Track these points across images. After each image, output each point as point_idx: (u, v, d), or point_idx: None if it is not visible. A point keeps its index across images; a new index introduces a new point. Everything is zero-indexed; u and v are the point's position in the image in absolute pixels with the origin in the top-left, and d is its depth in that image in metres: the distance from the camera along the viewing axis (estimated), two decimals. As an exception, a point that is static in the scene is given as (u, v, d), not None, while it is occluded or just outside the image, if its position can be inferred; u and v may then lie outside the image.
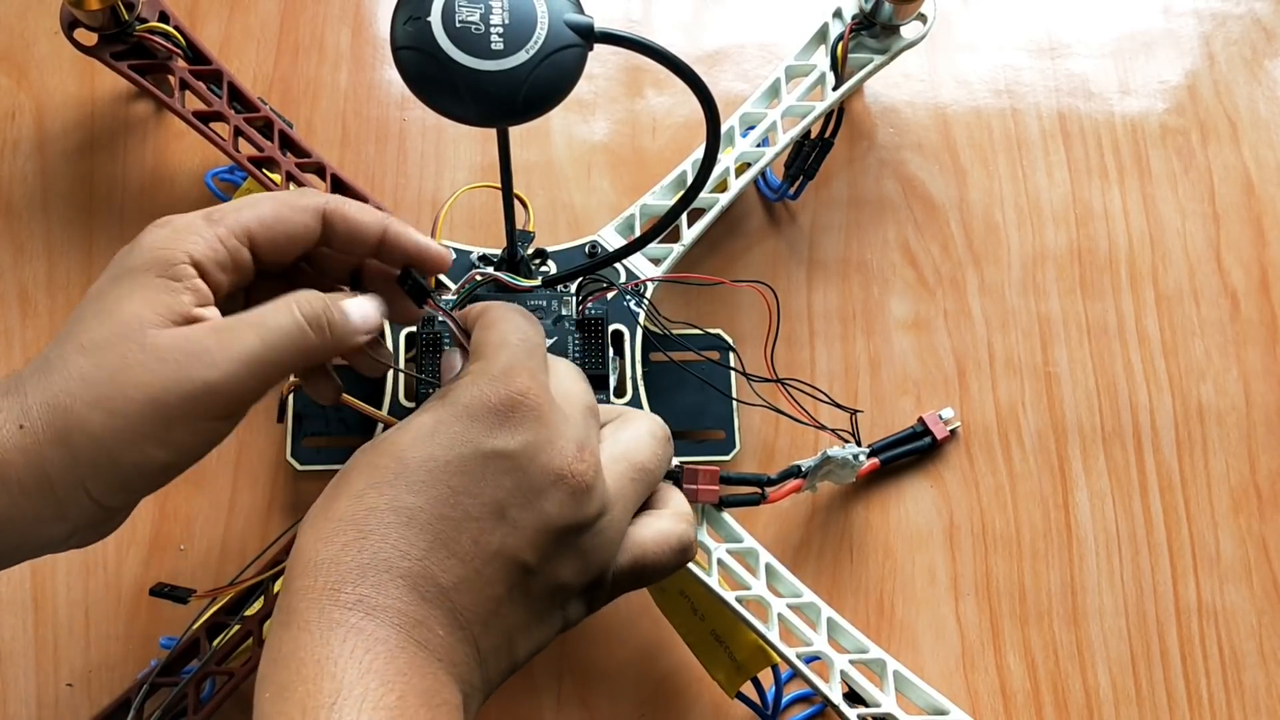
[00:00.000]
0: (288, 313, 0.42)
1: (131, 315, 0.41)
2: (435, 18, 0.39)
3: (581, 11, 0.41)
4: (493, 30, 0.39)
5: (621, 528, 0.45)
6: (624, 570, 0.45)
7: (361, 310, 0.45)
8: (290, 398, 0.60)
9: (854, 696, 0.55)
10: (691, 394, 0.63)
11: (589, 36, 0.41)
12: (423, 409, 0.43)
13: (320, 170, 0.62)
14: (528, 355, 0.43)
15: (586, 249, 0.61)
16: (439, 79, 0.39)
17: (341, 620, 0.38)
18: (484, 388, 0.42)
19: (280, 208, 0.45)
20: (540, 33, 0.40)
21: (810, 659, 0.55)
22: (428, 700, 0.38)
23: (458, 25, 0.39)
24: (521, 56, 0.39)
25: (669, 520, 0.47)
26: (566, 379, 0.46)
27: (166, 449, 0.41)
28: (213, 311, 0.43)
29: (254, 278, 0.46)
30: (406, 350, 0.59)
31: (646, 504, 0.47)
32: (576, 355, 0.56)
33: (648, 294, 0.60)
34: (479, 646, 0.41)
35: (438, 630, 0.39)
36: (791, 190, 0.69)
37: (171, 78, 0.64)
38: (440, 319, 0.55)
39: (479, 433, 0.41)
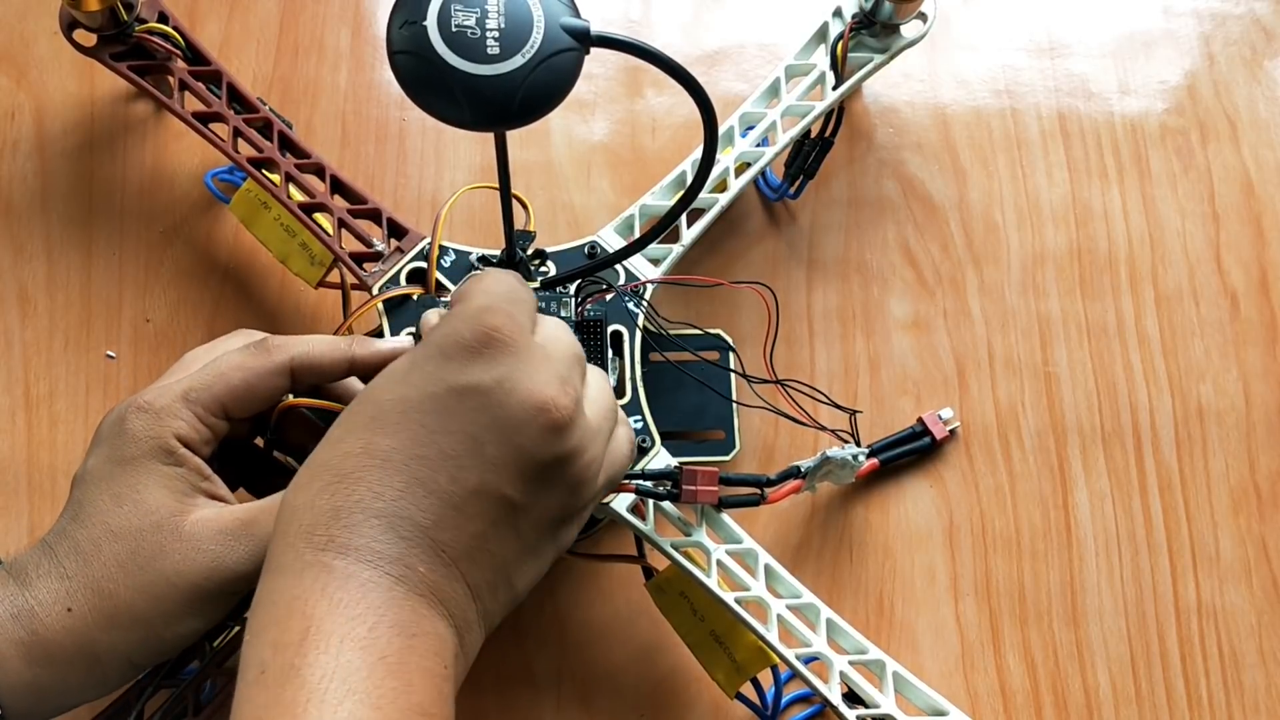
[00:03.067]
0: None
1: (157, 504, 0.46)
2: (431, 22, 0.39)
3: (578, 15, 0.41)
4: (488, 34, 0.39)
5: (601, 460, 0.46)
6: (602, 487, 0.47)
7: None
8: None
9: (853, 697, 0.55)
10: (691, 394, 0.63)
11: (585, 40, 0.41)
12: (407, 354, 0.44)
13: (320, 171, 0.62)
14: (509, 302, 0.44)
15: (586, 250, 0.61)
16: (435, 83, 0.39)
17: (313, 561, 0.39)
18: (456, 324, 0.42)
19: (249, 376, 0.49)
20: (536, 37, 0.39)
21: (809, 660, 0.55)
22: (402, 631, 0.39)
23: (453, 29, 0.39)
24: (517, 61, 0.39)
25: (624, 437, 0.49)
26: (554, 329, 0.46)
27: (203, 620, 0.46)
28: (218, 483, 0.48)
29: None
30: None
31: None
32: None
33: (647, 295, 0.60)
34: (468, 581, 0.42)
35: (418, 567, 0.40)
36: (792, 190, 0.69)
37: (171, 78, 0.64)
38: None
39: (452, 370, 0.41)
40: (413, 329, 0.57)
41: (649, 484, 0.55)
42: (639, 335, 0.59)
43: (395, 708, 0.37)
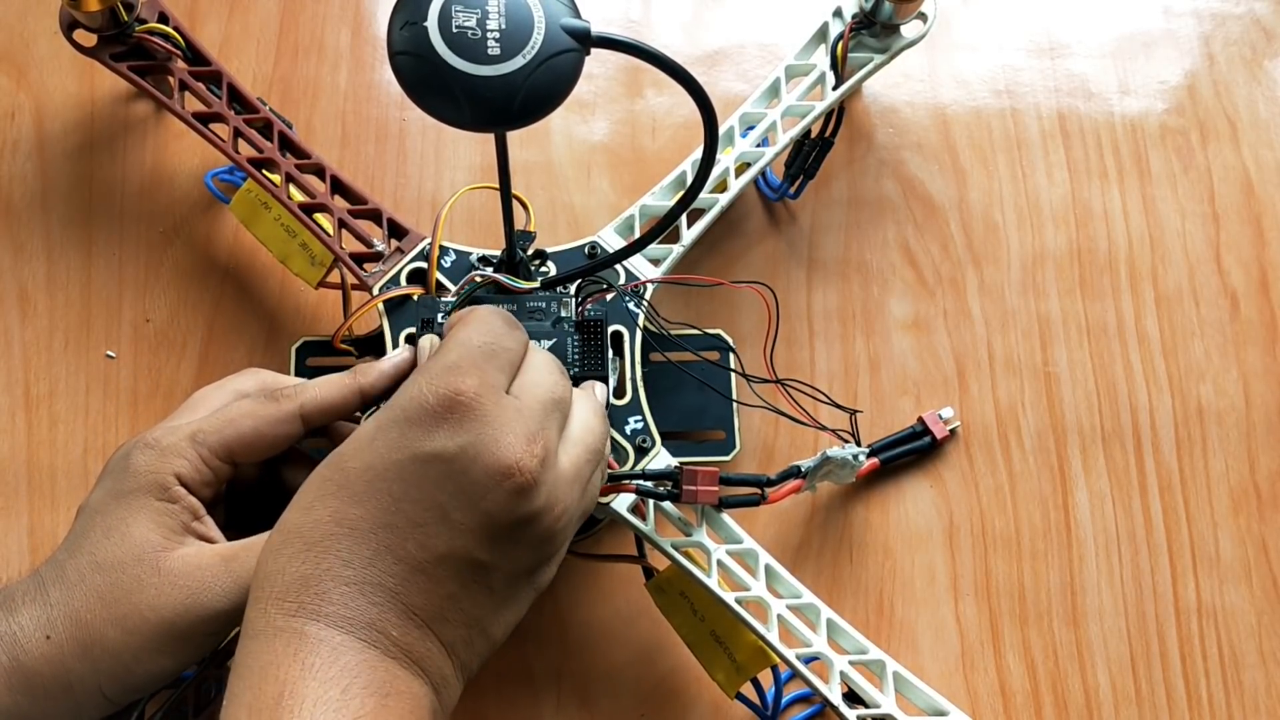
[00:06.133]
0: None
1: (142, 538, 0.46)
2: (432, 23, 0.39)
3: (578, 16, 0.41)
4: (489, 35, 0.39)
5: (577, 505, 0.46)
6: (576, 520, 0.47)
7: None
8: None
9: (853, 697, 0.55)
10: (691, 394, 0.63)
11: (586, 41, 0.41)
12: (373, 414, 0.44)
13: (320, 171, 0.62)
14: (485, 356, 0.44)
15: (586, 250, 0.61)
16: (435, 84, 0.39)
17: (285, 626, 0.39)
18: (422, 388, 0.42)
19: (259, 424, 0.49)
20: (537, 38, 0.39)
21: (809, 660, 0.55)
22: (376, 692, 0.39)
23: (454, 30, 0.39)
24: (518, 61, 0.39)
25: (597, 471, 0.48)
26: (537, 371, 0.46)
27: (174, 660, 0.46)
28: (210, 525, 0.48)
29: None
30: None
31: None
32: (576, 357, 0.56)
33: (647, 295, 0.60)
34: (442, 640, 0.42)
35: (390, 631, 0.40)
36: (792, 190, 0.69)
37: (171, 79, 0.64)
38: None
39: (416, 436, 0.41)
40: (412, 329, 0.57)
41: (649, 484, 0.55)
42: (639, 335, 0.59)
43: None
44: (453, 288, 0.59)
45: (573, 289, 0.58)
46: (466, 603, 0.42)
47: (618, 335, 0.59)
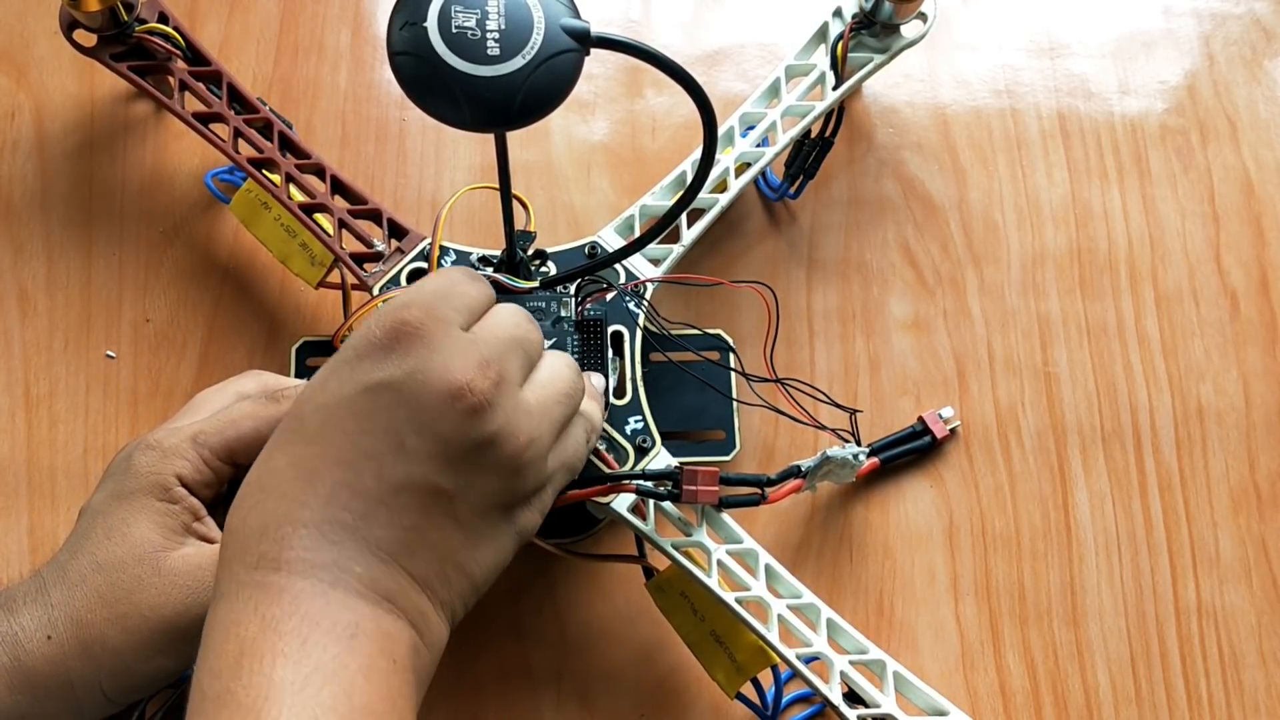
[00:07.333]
0: None
1: (142, 539, 0.46)
2: (431, 23, 0.39)
3: (578, 16, 0.41)
4: (489, 35, 0.39)
5: (547, 443, 0.45)
6: (556, 472, 0.46)
7: None
8: None
9: (853, 697, 0.55)
10: (691, 394, 0.63)
11: (585, 41, 0.41)
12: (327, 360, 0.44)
13: (320, 171, 0.62)
14: (436, 295, 0.43)
15: (586, 250, 0.61)
16: (435, 84, 0.39)
17: (246, 580, 0.39)
18: (369, 324, 0.42)
19: (260, 425, 0.49)
20: (536, 38, 0.40)
21: (810, 659, 0.55)
22: (339, 635, 0.38)
23: (454, 30, 0.39)
24: (518, 62, 0.39)
25: (579, 425, 0.48)
26: (500, 315, 0.45)
27: (175, 659, 0.46)
28: (211, 525, 0.48)
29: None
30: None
31: None
32: (575, 357, 0.56)
33: (647, 295, 0.60)
34: (412, 573, 0.41)
35: (353, 568, 0.40)
36: (792, 190, 0.69)
37: (171, 79, 0.64)
38: None
39: (364, 369, 0.41)
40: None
41: (649, 484, 0.55)
42: (639, 335, 0.59)
43: (335, 715, 0.37)
44: (453, 288, 0.59)
45: (573, 289, 0.58)
46: (433, 534, 0.41)
47: (618, 335, 0.59)
